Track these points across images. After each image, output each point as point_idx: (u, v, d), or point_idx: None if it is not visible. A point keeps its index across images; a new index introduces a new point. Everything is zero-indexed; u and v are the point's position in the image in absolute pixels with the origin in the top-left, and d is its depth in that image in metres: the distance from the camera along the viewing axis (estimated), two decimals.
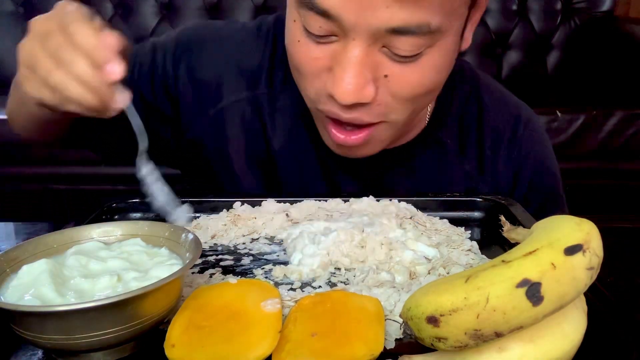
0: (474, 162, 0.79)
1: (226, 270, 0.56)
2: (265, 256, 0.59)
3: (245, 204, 0.69)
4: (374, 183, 0.78)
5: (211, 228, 0.65)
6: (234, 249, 0.61)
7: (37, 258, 0.47)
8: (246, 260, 0.58)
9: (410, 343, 0.43)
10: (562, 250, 0.37)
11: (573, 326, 0.39)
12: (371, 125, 0.64)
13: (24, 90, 0.57)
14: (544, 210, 0.81)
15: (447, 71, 0.64)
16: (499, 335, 0.36)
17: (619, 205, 1.92)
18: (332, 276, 0.55)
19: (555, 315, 0.37)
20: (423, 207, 0.68)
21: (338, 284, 0.53)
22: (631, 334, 0.43)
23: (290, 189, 0.78)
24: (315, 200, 0.69)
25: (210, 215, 0.68)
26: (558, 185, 0.83)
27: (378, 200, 0.68)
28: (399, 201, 0.68)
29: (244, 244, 0.62)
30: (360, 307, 0.46)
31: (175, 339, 0.41)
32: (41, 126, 0.73)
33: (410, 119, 0.68)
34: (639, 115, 1.86)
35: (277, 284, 0.53)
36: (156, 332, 0.43)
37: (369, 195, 0.69)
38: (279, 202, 0.69)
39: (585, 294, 0.40)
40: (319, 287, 0.52)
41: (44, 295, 0.42)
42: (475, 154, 0.79)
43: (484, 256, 0.58)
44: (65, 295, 0.42)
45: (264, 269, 0.56)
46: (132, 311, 0.40)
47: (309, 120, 0.72)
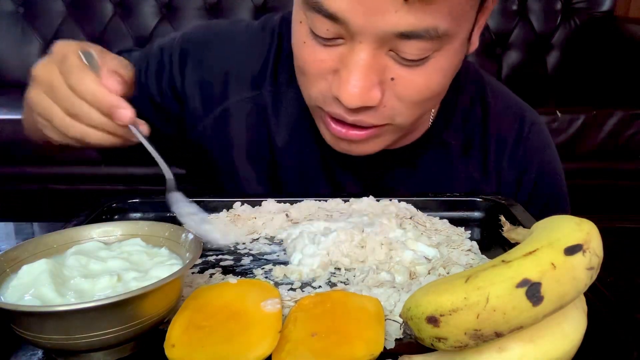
0: (478, 164, 0.79)
1: (226, 270, 0.56)
2: (265, 256, 0.59)
3: (245, 204, 0.69)
4: (377, 183, 0.78)
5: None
6: (234, 249, 0.61)
7: (37, 258, 0.47)
8: (246, 260, 0.58)
9: (410, 343, 0.42)
10: (562, 250, 0.37)
11: (573, 326, 0.39)
12: (376, 127, 0.64)
13: (46, 136, 0.62)
14: (547, 211, 0.80)
15: (454, 74, 0.64)
16: (499, 335, 0.36)
17: (619, 205, 1.92)
18: (332, 276, 0.55)
19: (555, 315, 0.37)
20: (423, 207, 0.68)
21: (338, 284, 0.53)
22: (631, 334, 0.43)
23: (292, 189, 0.78)
24: (315, 200, 0.69)
25: (210, 215, 0.68)
26: (562, 187, 0.83)
27: (378, 200, 0.68)
28: (399, 201, 0.68)
29: (244, 244, 0.62)
30: (360, 307, 0.46)
31: (175, 339, 0.41)
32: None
33: (415, 122, 0.68)
34: (639, 115, 1.86)
35: (277, 284, 0.53)
36: (156, 332, 0.43)
37: (369, 195, 0.69)
38: (279, 202, 0.69)
39: (585, 294, 0.40)
40: (319, 287, 0.52)
41: (44, 295, 0.42)
42: (479, 155, 0.79)
43: (484, 256, 0.58)
44: (65, 295, 0.42)
45: (264, 269, 0.56)
46: (132, 311, 0.40)
47: (311, 120, 0.72)
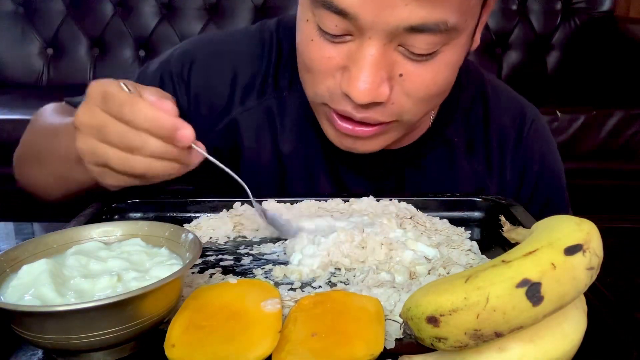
0: (482, 161, 0.79)
1: (226, 270, 0.56)
2: (265, 256, 0.59)
3: (245, 204, 0.69)
4: (383, 183, 0.78)
5: (211, 228, 0.65)
6: (234, 249, 0.61)
7: (37, 258, 0.46)
8: (246, 260, 0.58)
9: (410, 343, 0.42)
10: (562, 250, 0.37)
11: (573, 326, 0.39)
12: (383, 124, 0.64)
13: (105, 184, 0.57)
14: (549, 207, 0.81)
15: (457, 70, 0.65)
16: (499, 335, 0.36)
17: (619, 205, 1.92)
18: (332, 276, 0.55)
19: (555, 315, 0.37)
20: (423, 207, 0.68)
21: (338, 284, 0.53)
22: (631, 334, 0.43)
23: (298, 191, 0.78)
24: (316, 200, 0.69)
25: (210, 215, 0.68)
26: (562, 182, 0.83)
27: (378, 200, 0.68)
28: (399, 201, 0.68)
29: (244, 244, 0.62)
30: (360, 307, 0.46)
31: (175, 339, 0.41)
32: (77, 194, 0.72)
33: (421, 119, 0.67)
34: (639, 115, 1.86)
35: (277, 284, 0.53)
36: (156, 332, 0.43)
37: (369, 195, 0.69)
38: (279, 202, 0.69)
39: (585, 294, 0.40)
40: (319, 287, 0.52)
41: (44, 295, 0.42)
42: (482, 152, 0.79)
43: (484, 256, 0.58)
44: (65, 295, 0.42)
45: (264, 269, 0.56)
46: (132, 311, 0.40)
47: (316, 122, 0.72)
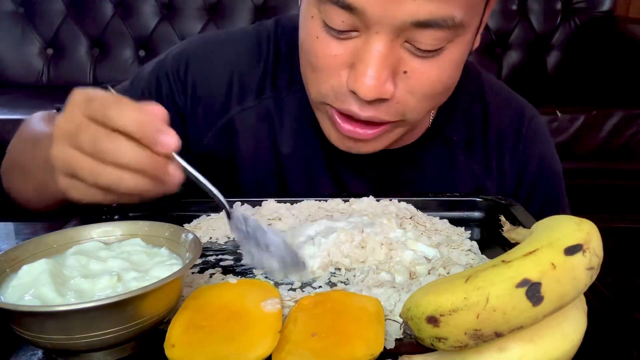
0: (481, 161, 0.79)
1: (226, 270, 0.56)
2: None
3: (246, 204, 0.69)
4: (383, 183, 0.78)
5: (211, 228, 0.64)
6: (234, 249, 0.61)
7: (37, 258, 0.46)
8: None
9: (410, 343, 0.43)
10: (562, 250, 0.37)
11: (573, 326, 0.39)
12: (387, 123, 0.64)
13: (72, 198, 0.51)
14: (547, 207, 0.81)
15: (461, 69, 0.65)
16: (499, 335, 0.36)
17: (619, 205, 1.92)
18: (332, 276, 0.55)
19: (555, 315, 0.37)
20: (423, 207, 0.68)
21: (338, 284, 0.53)
22: (631, 334, 0.43)
23: (298, 191, 0.78)
24: (316, 200, 0.69)
25: (210, 215, 0.68)
26: (561, 182, 0.84)
27: (378, 200, 0.68)
28: (399, 201, 0.68)
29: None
30: (360, 307, 0.46)
31: (175, 339, 0.41)
32: (60, 205, 0.71)
33: (423, 118, 0.67)
34: (639, 115, 1.86)
35: (277, 284, 0.53)
36: (156, 332, 0.43)
37: (369, 195, 0.69)
38: (279, 202, 0.69)
39: (585, 294, 0.40)
40: (319, 287, 0.52)
41: (44, 295, 0.42)
42: (481, 152, 0.79)
43: (484, 256, 0.58)
44: (65, 295, 0.42)
45: (264, 269, 0.56)
46: (132, 311, 0.40)
47: (315, 122, 0.72)
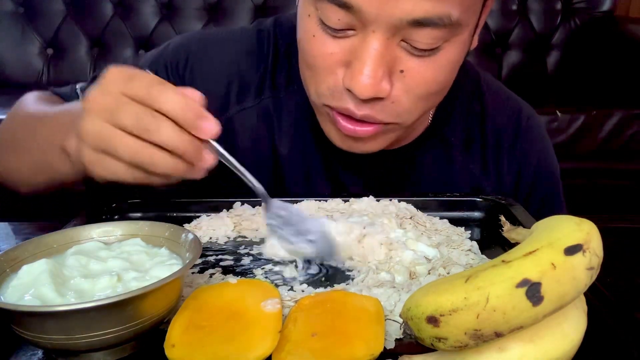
0: (479, 161, 0.79)
1: (226, 270, 0.56)
2: (265, 256, 0.59)
3: (246, 204, 0.69)
4: (381, 183, 0.78)
5: (211, 228, 0.64)
6: (234, 249, 0.61)
7: (37, 258, 0.46)
8: (246, 260, 0.58)
9: (410, 343, 0.42)
10: (562, 250, 0.37)
11: (573, 326, 0.39)
12: (382, 124, 0.64)
13: (96, 173, 0.50)
14: (545, 206, 0.81)
15: (458, 69, 0.65)
16: (499, 335, 0.36)
17: (619, 205, 1.92)
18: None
19: (555, 315, 0.37)
20: (423, 207, 0.68)
21: (337, 285, 0.53)
22: (631, 334, 0.43)
23: (296, 191, 0.78)
24: (316, 200, 0.69)
25: (210, 215, 0.68)
26: (558, 181, 0.84)
27: (378, 200, 0.68)
28: (399, 201, 0.68)
29: (244, 244, 0.62)
30: (360, 307, 0.46)
31: (175, 339, 0.41)
32: (57, 187, 0.69)
33: (419, 119, 0.67)
34: (639, 115, 1.86)
35: (277, 285, 0.53)
36: (156, 332, 0.43)
37: (369, 196, 0.69)
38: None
39: (585, 294, 0.40)
40: (319, 287, 0.52)
41: (44, 295, 0.42)
42: (479, 153, 0.79)
43: (484, 256, 0.58)
44: (65, 295, 0.42)
45: (264, 269, 0.56)
46: (132, 311, 0.40)
47: (313, 121, 0.72)
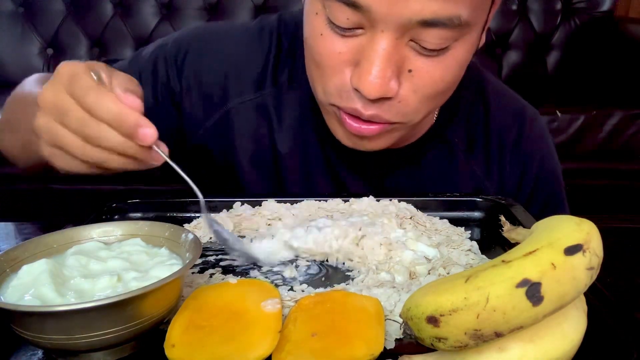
0: (482, 163, 0.79)
1: (226, 270, 0.56)
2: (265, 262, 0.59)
3: (245, 204, 0.69)
4: (382, 183, 0.78)
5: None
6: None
7: (37, 258, 0.47)
8: None
9: (410, 343, 0.42)
10: (562, 250, 0.37)
11: (573, 326, 0.39)
12: (388, 123, 0.64)
13: (55, 166, 0.55)
14: (548, 208, 0.81)
15: (465, 68, 0.64)
16: (499, 335, 0.36)
17: (619, 205, 1.92)
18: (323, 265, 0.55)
19: (555, 315, 0.37)
20: (423, 207, 0.68)
21: (337, 285, 0.53)
22: (631, 334, 0.43)
23: (296, 190, 0.78)
24: (316, 200, 0.69)
25: (210, 215, 0.68)
26: (561, 183, 0.84)
27: (378, 200, 0.68)
28: (399, 201, 0.68)
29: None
30: (360, 307, 0.46)
31: (175, 339, 0.41)
32: (43, 167, 0.70)
33: (425, 118, 0.67)
34: (639, 115, 1.86)
35: (277, 285, 0.53)
36: (156, 332, 0.43)
37: (369, 195, 0.69)
38: (279, 202, 0.69)
39: (585, 294, 0.40)
40: (318, 287, 0.52)
41: (44, 295, 0.42)
42: (482, 154, 0.79)
43: (484, 256, 0.58)
44: (65, 295, 0.42)
45: (264, 268, 0.56)
46: (132, 311, 0.40)
47: (314, 119, 0.71)
